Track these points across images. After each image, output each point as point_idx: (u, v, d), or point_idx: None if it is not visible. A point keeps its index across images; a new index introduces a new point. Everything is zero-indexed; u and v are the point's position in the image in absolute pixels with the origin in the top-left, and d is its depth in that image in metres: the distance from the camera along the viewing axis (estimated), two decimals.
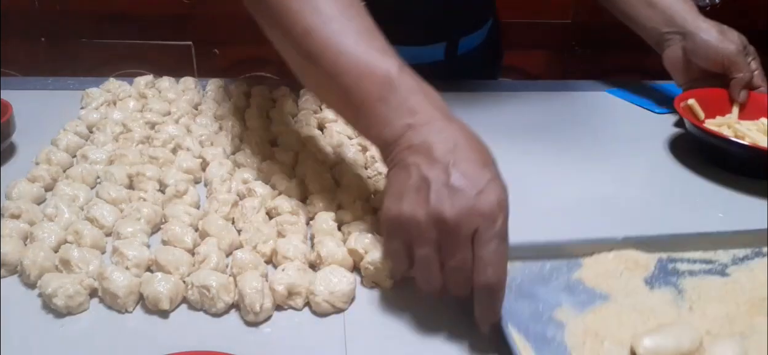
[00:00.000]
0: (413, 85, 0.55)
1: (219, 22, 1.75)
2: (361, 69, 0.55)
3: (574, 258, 0.62)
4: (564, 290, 0.58)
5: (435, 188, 0.49)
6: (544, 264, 0.61)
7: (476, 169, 0.49)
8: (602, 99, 1.08)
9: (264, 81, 1.01)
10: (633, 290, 0.59)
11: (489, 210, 0.48)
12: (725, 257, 0.64)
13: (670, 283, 0.60)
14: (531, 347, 0.51)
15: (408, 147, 0.52)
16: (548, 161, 0.85)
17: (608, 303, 0.57)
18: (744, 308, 0.57)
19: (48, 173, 0.71)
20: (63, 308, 0.52)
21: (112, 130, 0.82)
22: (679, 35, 0.95)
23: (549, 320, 0.54)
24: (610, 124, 0.98)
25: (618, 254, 0.62)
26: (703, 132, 0.85)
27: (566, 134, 0.93)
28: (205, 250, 0.58)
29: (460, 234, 0.48)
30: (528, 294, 0.57)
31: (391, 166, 0.54)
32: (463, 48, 1.10)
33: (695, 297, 0.59)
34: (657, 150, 0.90)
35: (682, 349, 0.50)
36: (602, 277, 0.60)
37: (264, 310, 0.52)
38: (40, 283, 0.54)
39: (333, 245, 0.59)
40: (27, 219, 0.62)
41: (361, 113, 0.56)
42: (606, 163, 0.84)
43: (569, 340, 0.52)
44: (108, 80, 0.98)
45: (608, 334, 0.53)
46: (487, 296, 0.49)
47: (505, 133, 0.93)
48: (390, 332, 0.53)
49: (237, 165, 0.76)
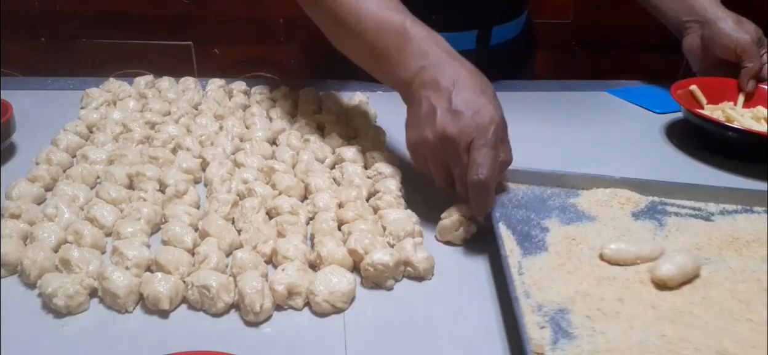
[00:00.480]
0: (424, 34, 0.67)
1: (219, 22, 1.75)
2: (379, 25, 0.68)
3: (573, 189, 0.70)
4: (557, 208, 0.67)
5: (440, 113, 0.61)
6: (545, 190, 0.70)
7: (473, 96, 0.61)
8: (602, 99, 1.08)
9: (264, 81, 1.01)
10: (619, 217, 0.66)
11: (482, 124, 0.60)
12: (715, 209, 0.69)
13: (655, 218, 0.67)
14: (514, 239, 0.61)
15: (421, 84, 0.64)
16: (548, 161, 0.85)
17: (593, 223, 0.65)
18: (715, 243, 0.63)
19: (48, 173, 0.71)
20: (63, 308, 0.52)
21: (112, 130, 0.82)
22: (697, 23, 0.99)
23: (536, 225, 0.64)
24: (610, 124, 0.98)
25: (614, 191, 0.70)
26: (696, 116, 0.86)
27: (566, 134, 0.93)
28: (205, 250, 0.58)
29: (459, 145, 0.60)
30: (524, 207, 0.66)
31: (408, 103, 0.66)
32: (495, 38, 1.09)
33: (673, 230, 0.65)
34: (657, 150, 0.90)
35: (642, 254, 0.58)
36: (594, 205, 0.68)
37: (264, 310, 0.52)
38: (40, 283, 0.54)
39: (333, 245, 0.59)
40: (27, 219, 0.62)
41: (383, 62, 0.69)
42: (606, 164, 0.84)
43: (549, 239, 0.62)
44: (108, 80, 0.98)
45: (584, 241, 0.61)
46: (479, 191, 0.60)
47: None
48: (390, 332, 0.53)
49: (237, 165, 0.76)
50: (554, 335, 0.49)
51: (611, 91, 1.10)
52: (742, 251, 0.62)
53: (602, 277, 0.56)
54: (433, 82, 0.63)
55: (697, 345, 0.49)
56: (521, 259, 0.58)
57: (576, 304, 0.53)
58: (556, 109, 1.03)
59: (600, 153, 0.88)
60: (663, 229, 0.65)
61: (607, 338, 0.49)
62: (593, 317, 0.52)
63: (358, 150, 0.77)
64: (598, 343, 0.49)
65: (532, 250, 0.60)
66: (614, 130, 0.95)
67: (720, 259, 0.60)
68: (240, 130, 0.84)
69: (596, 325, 0.51)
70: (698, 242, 0.63)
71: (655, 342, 0.49)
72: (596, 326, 0.51)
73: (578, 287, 0.55)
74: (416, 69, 0.65)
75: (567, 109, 1.03)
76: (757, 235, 0.64)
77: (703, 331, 0.51)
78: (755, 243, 0.63)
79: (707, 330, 0.51)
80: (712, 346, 0.49)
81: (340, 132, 0.83)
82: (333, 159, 0.78)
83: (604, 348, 0.48)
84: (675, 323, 0.51)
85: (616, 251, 0.58)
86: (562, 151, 0.88)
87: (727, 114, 0.90)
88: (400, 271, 0.58)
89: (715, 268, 0.59)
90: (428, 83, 0.63)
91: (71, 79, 1.03)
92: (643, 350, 0.48)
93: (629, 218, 0.66)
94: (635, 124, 0.98)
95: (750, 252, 0.62)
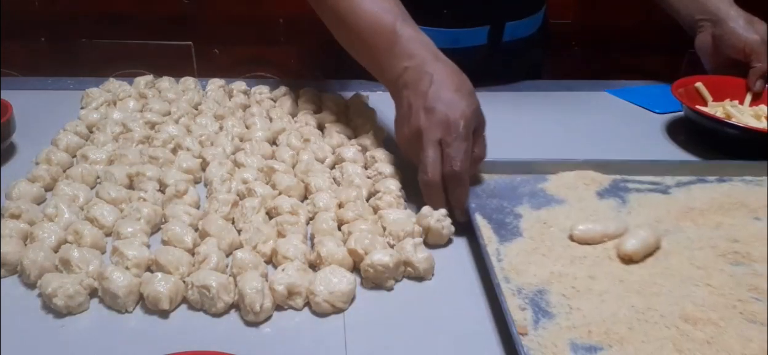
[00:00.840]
0: (412, 35, 0.72)
1: (219, 22, 1.75)
2: (372, 25, 0.74)
3: (541, 174, 0.74)
4: (527, 195, 0.71)
5: (414, 110, 0.67)
6: (514, 177, 0.74)
7: (448, 93, 0.66)
8: (602, 99, 1.08)
9: (264, 81, 1.01)
10: (585, 198, 0.71)
11: (453, 119, 0.65)
12: (671, 181, 0.75)
13: (618, 196, 0.72)
14: (491, 228, 0.65)
15: (404, 85, 0.70)
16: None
17: (562, 206, 0.69)
18: (673, 214, 0.68)
19: (48, 173, 0.71)
20: (63, 308, 0.52)
21: (112, 130, 0.82)
22: (710, 22, 1.00)
23: (510, 212, 0.68)
24: (610, 124, 0.98)
25: (580, 173, 0.74)
26: (694, 113, 0.86)
27: (566, 134, 0.93)
28: (205, 250, 0.58)
29: (427, 139, 0.65)
30: (497, 196, 0.71)
31: (395, 101, 0.72)
32: (508, 35, 1.09)
33: (635, 206, 0.70)
34: (658, 149, 0.90)
35: (608, 232, 0.63)
36: (562, 188, 0.72)
37: (264, 310, 0.52)
38: (40, 283, 0.54)
39: (333, 245, 0.59)
40: (27, 219, 0.62)
41: (375, 61, 0.75)
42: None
43: (522, 225, 0.66)
44: (108, 80, 0.98)
45: (555, 223, 0.66)
46: (454, 182, 0.64)
47: (504, 133, 0.94)
48: (390, 332, 0.53)
49: (237, 165, 0.76)
50: (535, 315, 0.53)
51: (611, 91, 1.10)
52: (698, 220, 0.68)
53: (574, 257, 0.61)
54: (414, 82, 0.69)
55: (662, 312, 0.53)
56: (499, 246, 0.62)
57: (552, 284, 0.57)
58: (556, 108, 1.03)
59: (600, 153, 0.88)
60: (626, 205, 0.70)
61: (583, 313, 0.53)
62: (568, 295, 0.56)
63: (358, 150, 0.77)
64: (575, 319, 0.53)
65: (508, 237, 0.64)
66: (615, 130, 0.95)
67: (678, 229, 0.66)
68: (240, 130, 0.84)
69: (572, 302, 0.55)
70: (658, 215, 0.68)
71: (625, 313, 0.53)
72: (572, 303, 0.55)
73: (553, 268, 0.59)
74: (401, 69, 0.71)
75: (567, 109, 1.03)
76: (711, 204, 0.71)
77: (666, 299, 0.55)
78: (709, 212, 0.69)
79: (670, 297, 0.56)
80: (676, 312, 0.54)
81: (340, 132, 0.83)
82: (333, 159, 0.78)
83: (581, 323, 0.52)
84: (641, 294, 0.56)
85: (584, 232, 0.63)
86: (563, 152, 0.88)
87: (727, 111, 0.91)
88: (400, 271, 0.58)
89: (675, 239, 0.64)
90: (410, 83, 0.69)
91: (71, 79, 1.03)
92: (616, 321, 0.52)
93: (594, 197, 0.71)
94: (635, 124, 0.98)
95: (705, 220, 0.68)
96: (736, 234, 0.65)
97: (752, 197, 0.72)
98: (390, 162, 0.74)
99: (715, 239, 0.64)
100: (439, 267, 0.60)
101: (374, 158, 0.75)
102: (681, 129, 0.95)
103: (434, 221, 0.62)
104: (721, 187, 0.74)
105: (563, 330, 0.51)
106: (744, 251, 0.62)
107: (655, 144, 0.91)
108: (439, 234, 0.63)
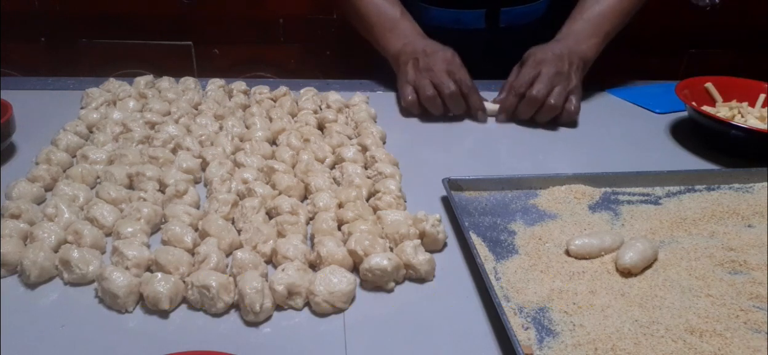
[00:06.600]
0: (409, 26, 1.02)
1: (219, 22, 1.75)
2: (380, 16, 1.03)
3: (532, 190, 0.74)
4: (520, 211, 0.70)
5: (411, 73, 0.96)
6: (506, 194, 0.73)
7: (435, 61, 0.94)
8: (602, 99, 1.08)
9: (264, 81, 1.01)
10: (577, 212, 0.70)
11: (438, 69, 0.93)
12: (661, 192, 0.75)
13: (610, 209, 0.72)
14: (486, 246, 0.64)
15: (404, 60, 0.98)
16: (548, 162, 0.85)
17: (555, 220, 0.69)
18: (666, 225, 0.68)
19: (48, 173, 0.71)
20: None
21: (112, 130, 0.82)
22: None
23: (504, 229, 0.67)
24: (610, 124, 0.98)
25: (570, 187, 0.74)
26: (697, 113, 0.86)
27: (566, 134, 0.93)
28: (205, 250, 0.58)
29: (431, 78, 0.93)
30: (489, 213, 0.70)
31: (396, 71, 1.01)
32: (505, 20, 1.12)
33: (628, 218, 0.70)
34: (660, 149, 0.90)
35: (604, 246, 0.62)
36: (553, 203, 0.72)
37: (264, 310, 0.52)
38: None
39: (333, 245, 0.59)
40: (27, 219, 0.62)
41: (381, 40, 1.03)
42: (608, 164, 0.84)
43: (517, 242, 0.65)
44: (108, 80, 0.98)
45: (550, 239, 0.65)
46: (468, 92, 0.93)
47: (504, 133, 0.94)
48: (390, 332, 0.53)
49: (237, 165, 0.76)
50: (539, 334, 0.52)
51: (611, 91, 1.10)
52: (692, 229, 0.68)
53: (572, 272, 0.60)
54: (408, 56, 0.97)
55: (667, 325, 0.53)
56: (496, 264, 0.61)
57: (553, 301, 0.56)
58: None
59: (601, 153, 0.88)
60: (619, 218, 0.70)
61: (587, 330, 0.52)
62: (570, 311, 0.55)
63: (358, 150, 0.77)
64: (580, 336, 0.52)
65: (504, 254, 0.63)
66: (615, 130, 0.95)
67: (673, 240, 0.66)
68: (240, 130, 0.84)
69: (575, 319, 0.54)
70: (652, 227, 0.68)
71: (630, 328, 0.52)
72: (575, 320, 0.54)
73: (552, 284, 0.58)
74: (402, 45, 0.99)
75: None
76: (703, 213, 0.71)
77: (669, 311, 0.55)
78: (702, 221, 0.69)
79: (673, 309, 0.55)
80: (680, 324, 0.53)
81: (340, 132, 0.83)
82: (333, 159, 0.78)
83: (586, 341, 0.51)
84: (644, 307, 0.55)
85: (581, 246, 0.62)
86: (563, 151, 0.88)
87: (731, 112, 0.90)
88: (400, 274, 0.58)
89: (671, 249, 0.64)
90: (406, 57, 0.97)
91: (71, 79, 1.03)
92: (621, 336, 0.51)
93: (587, 211, 0.71)
94: (636, 124, 0.98)
95: (698, 230, 0.68)
96: (731, 242, 0.65)
97: (743, 204, 0.72)
98: (390, 162, 0.74)
99: (711, 249, 0.64)
100: (440, 269, 0.60)
101: (374, 158, 0.75)
102: (682, 129, 0.95)
103: (429, 226, 0.62)
104: (710, 195, 0.74)
105: (569, 348, 0.50)
106: (741, 259, 0.62)
107: (656, 144, 0.91)
108: (435, 239, 0.62)
